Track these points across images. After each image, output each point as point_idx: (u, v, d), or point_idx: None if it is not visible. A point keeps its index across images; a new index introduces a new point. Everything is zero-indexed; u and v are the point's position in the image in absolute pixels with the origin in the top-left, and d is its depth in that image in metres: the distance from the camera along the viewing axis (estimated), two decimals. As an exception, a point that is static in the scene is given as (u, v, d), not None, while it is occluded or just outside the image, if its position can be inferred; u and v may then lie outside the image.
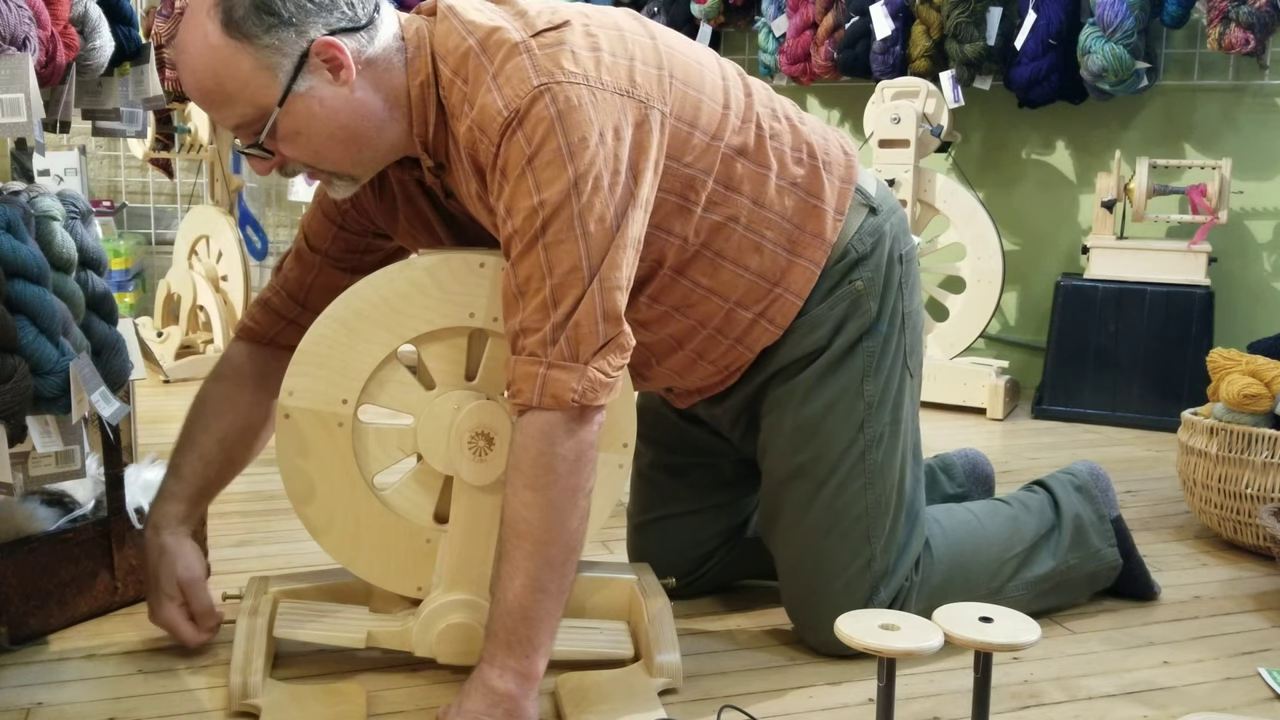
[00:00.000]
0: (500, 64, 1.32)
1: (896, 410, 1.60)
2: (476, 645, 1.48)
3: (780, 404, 1.60)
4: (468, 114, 1.35)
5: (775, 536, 1.65)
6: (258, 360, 1.64)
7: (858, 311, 1.58)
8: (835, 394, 1.58)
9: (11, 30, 1.40)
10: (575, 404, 1.31)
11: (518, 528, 1.32)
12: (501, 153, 1.31)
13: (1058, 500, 1.78)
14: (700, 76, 1.46)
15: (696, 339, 1.57)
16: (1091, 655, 1.68)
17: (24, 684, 1.50)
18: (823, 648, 1.63)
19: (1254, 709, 1.52)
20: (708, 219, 1.48)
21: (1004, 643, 1.23)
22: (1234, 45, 3.04)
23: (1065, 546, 1.74)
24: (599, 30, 1.38)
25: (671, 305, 1.53)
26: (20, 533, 1.62)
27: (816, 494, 1.59)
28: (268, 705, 1.41)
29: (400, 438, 1.51)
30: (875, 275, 1.58)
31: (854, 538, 1.58)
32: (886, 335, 1.59)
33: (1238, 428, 2.09)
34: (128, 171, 4.06)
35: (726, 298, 1.53)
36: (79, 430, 1.50)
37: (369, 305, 1.45)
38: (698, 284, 1.52)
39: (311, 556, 1.90)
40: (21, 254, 1.37)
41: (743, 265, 1.52)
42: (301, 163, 1.40)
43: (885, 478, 1.59)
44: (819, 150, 1.56)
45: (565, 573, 1.35)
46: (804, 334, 1.57)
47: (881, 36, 3.34)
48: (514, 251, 1.33)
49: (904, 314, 1.62)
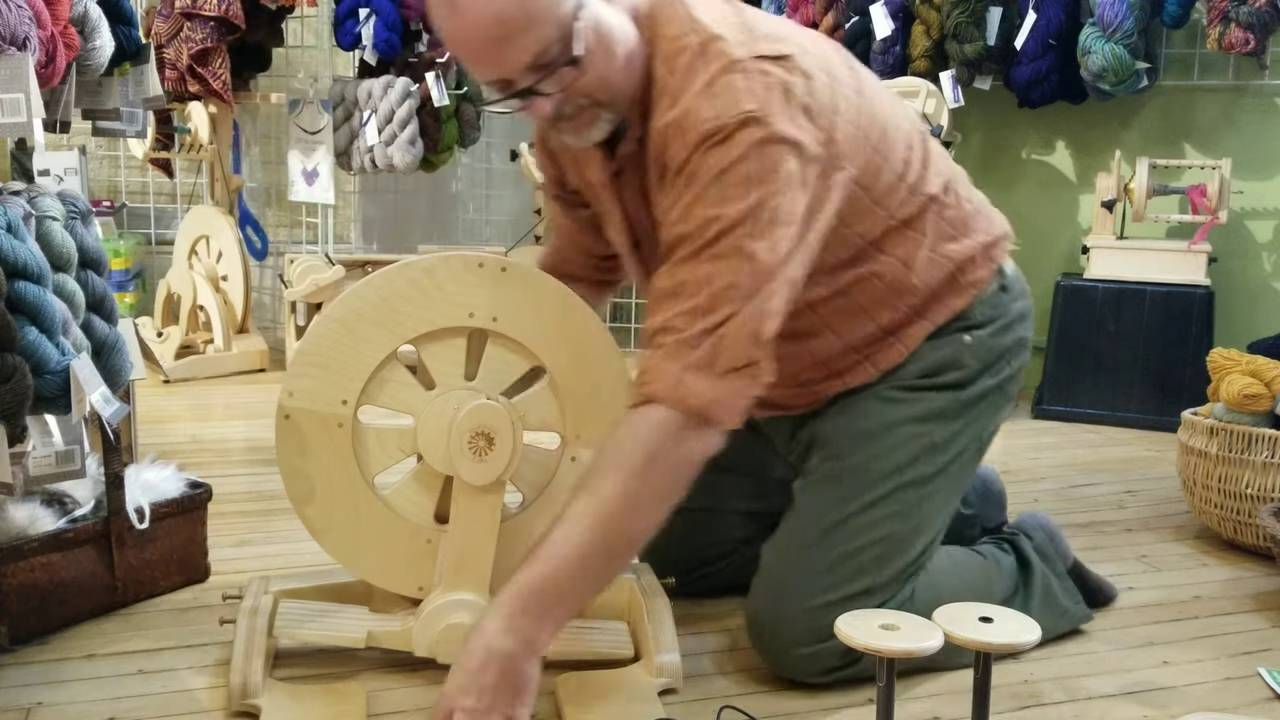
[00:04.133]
0: (715, 74, 1.34)
1: (951, 467, 1.59)
2: (476, 645, 1.48)
3: (844, 411, 1.60)
4: (668, 109, 1.36)
5: (782, 531, 1.59)
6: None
7: (955, 363, 1.58)
8: (900, 420, 1.57)
9: (12, 30, 1.40)
10: (700, 412, 1.32)
11: (592, 503, 1.32)
12: (694, 160, 1.33)
13: (1028, 564, 1.73)
14: (891, 142, 1.50)
15: (799, 364, 1.58)
16: (1091, 655, 1.68)
17: (24, 684, 1.50)
18: (781, 658, 1.53)
19: (1254, 709, 1.52)
20: (854, 272, 1.51)
21: (1004, 643, 1.23)
22: (1234, 45, 3.04)
23: (1035, 609, 1.67)
24: (815, 72, 1.40)
25: (792, 331, 1.52)
26: (20, 533, 1.62)
27: (843, 504, 1.55)
28: (268, 705, 1.41)
29: (400, 438, 1.51)
30: (985, 341, 1.60)
31: (863, 558, 1.52)
32: (972, 399, 1.60)
33: (1238, 428, 2.09)
34: (128, 171, 4.06)
35: (844, 338, 1.56)
36: (79, 430, 1.50)
37: (369, 305, 1.45)
38: (827, 322, 1.54)
39: (312, 556, 1.89)
40: (22, 254, 1.37)
41: (872, 316, 1.55)
42: (584, 94, 1.37)
43: (915, 520, 1.55)
44: (978, 228, 1.59)
45: (613, 566, 1.35)
46: (896, 367, 1.59)
47: (881, 36, 3.34)
48: (678, 254, 1.34)
49: (996, 391, 1.62)
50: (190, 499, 1.83)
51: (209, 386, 3.30)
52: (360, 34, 3.45)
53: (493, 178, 4.41)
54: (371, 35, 3.42)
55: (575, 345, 1.50)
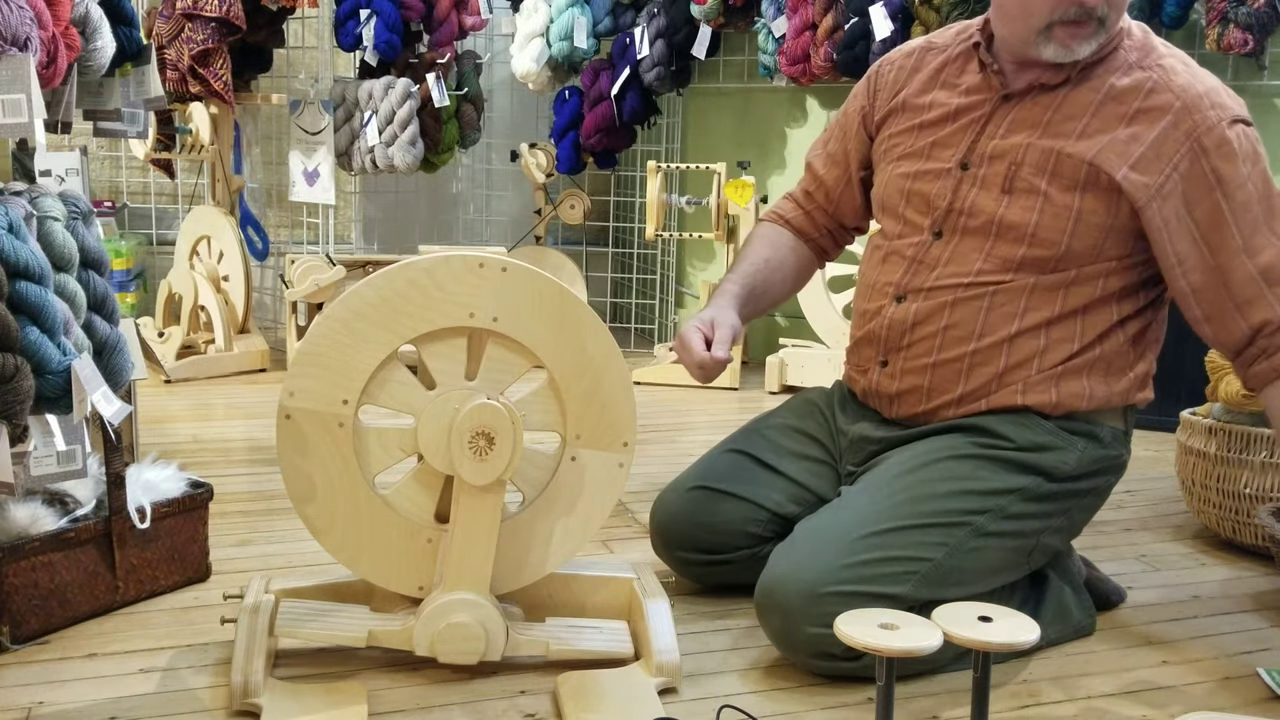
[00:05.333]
0: (1204, 79, 1.65)
1: (1009, 540, 1.61)
2: (477, 644, 1.49)
3: (942, 437, 1.67)
4: (1145, 70, 1.64)
5: (828, 516, 1.61)
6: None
7: (1060, 452, 1.64)
8: (988, 474, 1.62)
9: (13, 31, 1.40)
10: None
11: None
12: (1220, 130, 1.60)
13: (1043, 576, 1.74)
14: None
15: (999, 352, 1.66)
16: (1091, 655, 1.69)
17: (25, 684, 1.50)
18: (787, 633, 1.54)
19: (1253, 709, 1.52)
20: (1144, 298, 1.71)
21: (1004, 642, 1.24)
22: (1233, 46, 3.04)
23: (1047, 620, 1.68)
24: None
25: (1066, 312, 1.67)
26: (22, 532, 1.62)
27: (902, 514, 1.57)
28: (269, 704, 1.41)
29: (401, 438, 1.51)
30: (1093, 450, 1.67)
31: (901, 570, 1.52)
32: (1054, 492, 1.65)
33: (1236, 428, 2.09)
34: (129, 172, 4.07)
35: (1065, 346, 1.67)
36: (80, 430, 1.51)
37: (369, 305, 1.45)
38: (1085, 323, 1.67)
39: (312, 556, 1.90)
40: (23, 254, 1.37)
41: (1098, 351, 1.68)
42: (1110, 5, 1.59)
43: (960, 562, 1.56)
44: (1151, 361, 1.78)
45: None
46: (1024, 428, 1.65)
47: (881, 37, 3.34)
48: (1245, 228, 1.59)
49: (1077, 495, 1.68)
50: (191, 498, 1.83)
51: (210, 386, 3.30)
52: (361, 35, 3.45)
53: (493, 178, 4.42)
54: (372, 36, 3.42)
55: (575, 345, 1.50)
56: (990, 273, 1.67)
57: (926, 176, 1.73)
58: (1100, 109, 1.64)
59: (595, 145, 3.79)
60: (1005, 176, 1.66)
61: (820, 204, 1.95)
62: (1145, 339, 1.73)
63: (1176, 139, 1.61)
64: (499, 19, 4.01)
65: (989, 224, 1.67)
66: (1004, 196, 1.66)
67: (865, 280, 1.83)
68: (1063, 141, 1.64)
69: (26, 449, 1.45)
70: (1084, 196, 1.63)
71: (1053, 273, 1.65)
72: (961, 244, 1.69)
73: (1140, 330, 1.72)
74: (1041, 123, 1.66)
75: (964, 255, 1.69)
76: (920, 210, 1.73)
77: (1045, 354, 1.66)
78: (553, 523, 1.56)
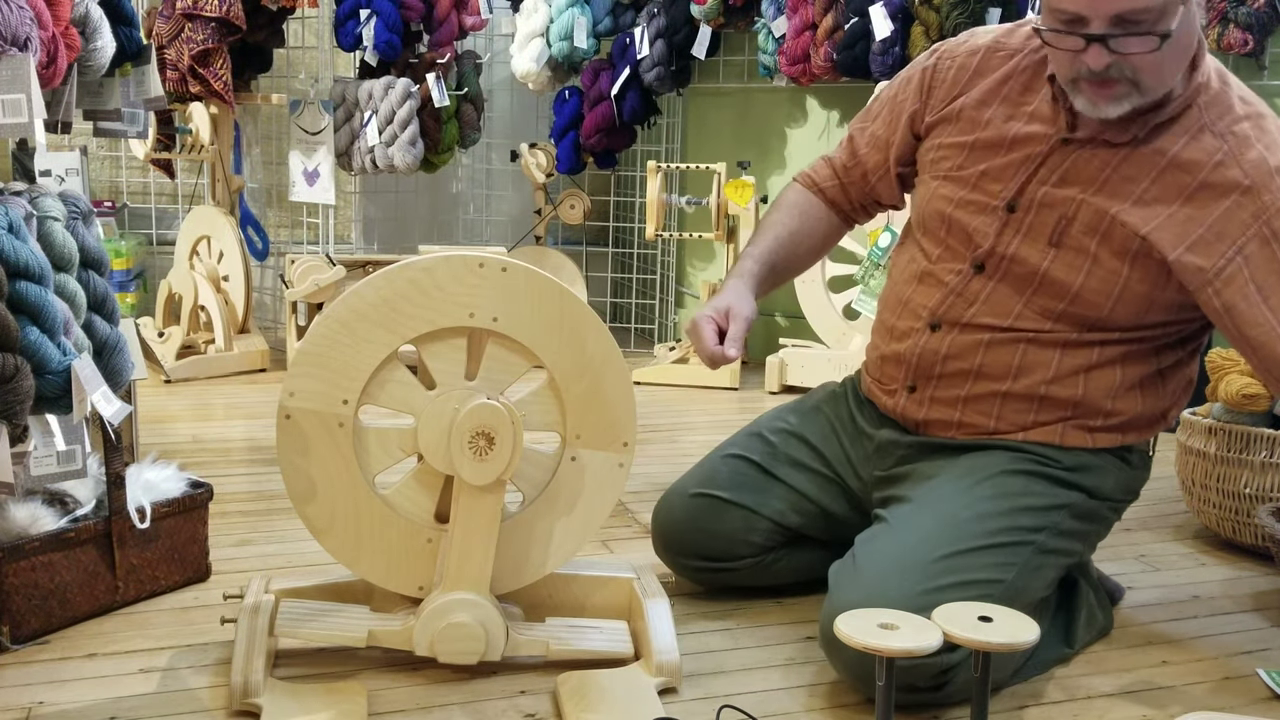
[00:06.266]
0: (1278, 148, 1.54)
1: (1051, 558, 1.60)
2: (477, 644, 1.49)
3: (989, 450, 1.66)
4: (1217, 138, 1.54)
5: (888, 541, 1.57)
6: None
7: (1099, 473, 1.65)
8: (1043, 489, 1.61)
9: (13, 31, 1.40)
10: None
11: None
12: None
13: (1075, 582, 1.74)
14: None
15: (1040, 379, 1.63)
16: (1090, 655, 1.69)
17: (25, 684, 1.50)
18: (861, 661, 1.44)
19: (1253, 709, 1.52)
20: (1186, 350, 1.69)
21: (1004, 642, 1.24)
22: (1233, 46, 3.04)
23: (1082, 624, 1.69)
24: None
25: (1105, 360, 1.63)
26: (22, 532, 1.62)
27: (962, 535, 1.54)
28: (269, 704, 1.41)
29: (401, 437, 1.51)
30: (1127, 476, 1.69)
31: (972, 595, 1.45)
32: (1092, 510, 1.65)
33: (1236, 427, 2.09)
34: (129, 172, 4.06)
35: (1102, 388, 1.64)
36: (80, 430, 1.51)
37: (369, 305, 1.45)
38: (1127, 371, 1.64)
39: (312, 556, 1.90)
40: (23, 254, 1.37)
41: (1136, 392, 1.65)
42: (1138, 70, 1.48)
43: (1026, 582, 1.55)
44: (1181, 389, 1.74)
45: None
46: (1063, 450, 1.64)
47: (881, 37, 3.34)
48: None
49: (1102, 516, 1.69)
50: (191, 498, 1.83)
51: (210, 386, 3.30)
52: (361, 35, 3.45)
53: (493, 178, 4.42)
54: (372, 36, 3.42)
55: (575, 345, 1.50)
56: (1029, 319, 1.62)
57: (970, 208, 1.66)
58: (1161, 176, 1.56)
59: (595, 145, 3.79)
60: (1054, 229, 1.60)
61: (856, 180, 1.88)
62: (1181, 382, 1.71)
63: (1242, 221, 1.52)
64: (499, 19, 4.01)
65: (1032, 275, 1.61)
66: (1050, 250, 1.60)
67: (897, 294, 1.76)
68: (1118, 205, 1.56)
69: (26, 449, 1.45)
70: (1133, 267, 1.57)
71: (1092, 331, 1.62)
72: (1001, 286, 1.64)
73: (1179, 377, 1.70)
74: (1099, 179, 1.58)
75: (1003, 299, 1.64)
76: (962, 241, 1.67)
77: (1082, 402, 1.63)
78: (553, 523, 1.56)
